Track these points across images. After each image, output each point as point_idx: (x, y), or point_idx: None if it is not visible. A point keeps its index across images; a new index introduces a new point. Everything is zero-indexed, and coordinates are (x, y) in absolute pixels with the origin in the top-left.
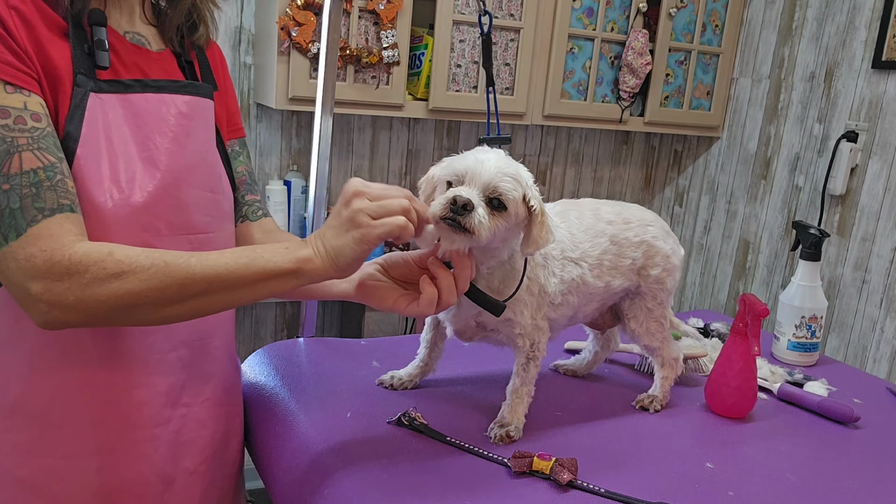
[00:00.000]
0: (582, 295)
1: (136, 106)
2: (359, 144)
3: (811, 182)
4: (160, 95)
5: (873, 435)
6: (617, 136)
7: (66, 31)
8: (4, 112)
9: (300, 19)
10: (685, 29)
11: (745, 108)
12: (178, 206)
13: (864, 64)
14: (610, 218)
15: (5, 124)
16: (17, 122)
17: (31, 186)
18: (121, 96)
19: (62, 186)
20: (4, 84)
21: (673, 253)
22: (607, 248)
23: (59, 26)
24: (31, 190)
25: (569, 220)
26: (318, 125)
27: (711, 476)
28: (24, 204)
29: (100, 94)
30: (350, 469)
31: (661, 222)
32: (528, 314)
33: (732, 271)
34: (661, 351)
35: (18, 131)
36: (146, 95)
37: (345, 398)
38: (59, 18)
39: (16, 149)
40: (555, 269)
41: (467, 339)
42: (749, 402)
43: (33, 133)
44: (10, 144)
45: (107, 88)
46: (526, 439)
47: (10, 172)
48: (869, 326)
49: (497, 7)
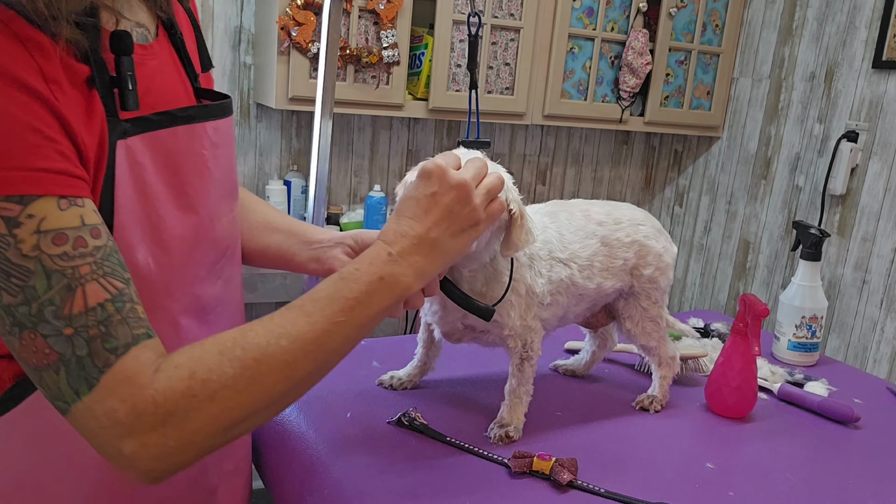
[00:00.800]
0: (571, 296)
1: (165, 144)
2: (359, 144)
3: (811, 182)
4: (190, 127)
5: (873, 435)
6: (617, 136)
7: (88, 77)
8: (61, 237)
9: (300, 19)
10: (685, 29)
11: (746, 108)
12: (215, 244)
13: (864, 64)
14: (600, 219)
15: (62, 252)
16: (77, 246)
17: (98, 325)
18: (149, 136)
19: (133, 315)
20: (59, 199)
21: (665, 251)
22: (598, 250)
23: (82, 77)
24: (100, 329)
25: (558, 221)
26: (318, 125)
27: (711, 476)
28: (94, 348)
29: (125, 139)
30: (350, 469)
31: (652, 220)
32: (515, 315)
33: (732, 271)
34: (658, 350)
35: (79, 257)
36: (175, 130)
37: (345, 398)
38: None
39: (77, 281)
40: (542, 269)
41: (456, 340)
42: (749, 402)
43: (96, 255)
44: (70, 278)
45: (132, 130)
46: (526, 439)
47: (74, 313)
48: (869, 326)
49: (497, 7)
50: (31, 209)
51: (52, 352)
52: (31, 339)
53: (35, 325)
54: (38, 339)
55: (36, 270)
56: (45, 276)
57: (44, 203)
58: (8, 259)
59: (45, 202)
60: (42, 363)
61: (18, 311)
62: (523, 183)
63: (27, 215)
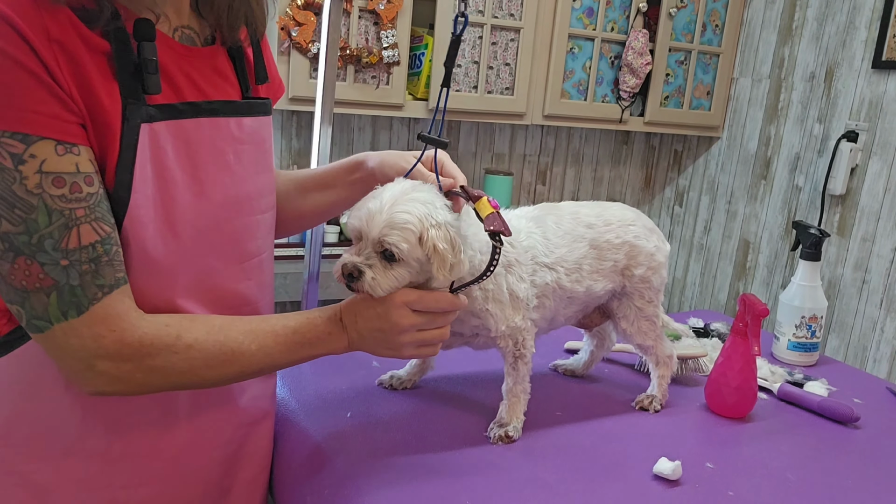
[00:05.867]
0: (559, 299)
1: (188, 133)
2: (359, 144)
3: (811, 182)
4: (214, 120)
5: (873, 435)
6: (617, 136)
7: (109, 54)
8: (59, 180)
9: (300, 19)
10: (685, 29)
11: (745, 108)
12: (232, 238)
13: (864, 64)
14: (590, 221)
15: (62, 194)
16: (74, 191)
17: (90, 262)
18: (173, 123)
19: (117, 258)
20: (56, 144)
21: (657, 250)
22: (587, 253)
23: (102, 51)
24: (91, 266)
25: (545, 226)
26: (318, 125)
27: (711, 476)
28: (84, 281)
29: (151, 122)
30: (350, 469)
31: (643, 220)
32: (499, 320)
33: (732, 271)
34: (654, 349)
35: (75, 201)
36: (199, 121)
37: (345, 398)
38: (100, 39)
39: (74, 222)
40: (523, 274)
41: (445, 346)
42: (749, 402)
43: (89, 201)
44: (67, 218)
45: (157, 116)
46: (525, 438)
47: (69, 248)
48: (869, 326)
49: (497, 7)
50: (32, 149)
51: (47, 277)
52: (26, 265)
53: (34, 253)
54: (35, 266)
55: (38, 206)
56: (47, 212)
57: (43, 145)
58: (14, 192)
59: (45, 144)
60: (34, 286)
61: (18, 240)
62: (523, 183)
63: (30, 154)
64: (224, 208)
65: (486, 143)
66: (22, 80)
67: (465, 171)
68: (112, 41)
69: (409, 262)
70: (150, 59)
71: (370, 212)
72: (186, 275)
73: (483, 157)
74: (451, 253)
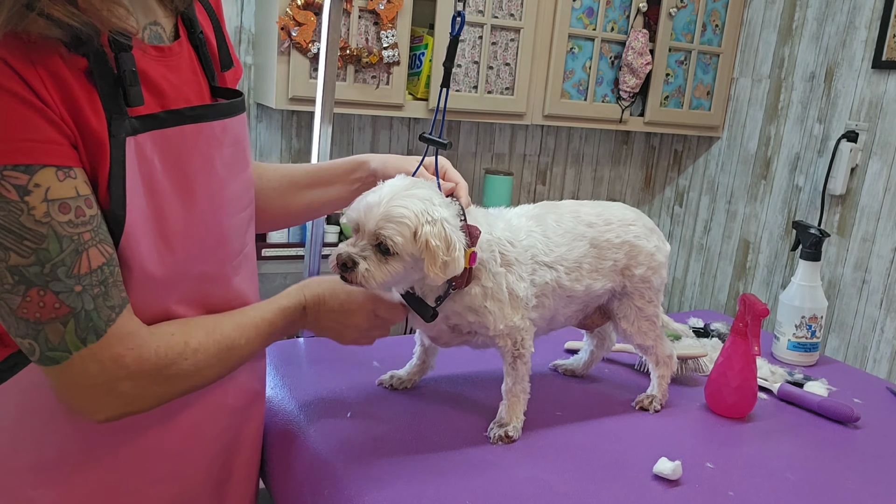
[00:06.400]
0: (559, 298)
1: (172, 142)
2: (359, 144)
3: (811, 182)
4: (198, 126)
5: (873, 435)
6: (617, 136)
7: (88, 70)
8: (65, 206)
9: (300, 19)
10: (685, 29)
11: (746, 108)
12: (220, 241)
13: (864, 64)
14: (590, 220)
15: (69, 220)
16: (78, 215)
17: (100, 285)
18: (157, 133)
19: (119, 278)
20: (56, 170)
21: (657, 250)
22: (587, 252)
23: (81, 67)
24: (101, 289)
25: (545, 225)
26: (318, 125)
27: (711, 476)
28: (98, 304)
29: (135, 135)
30: (350, 469)
31: (643, 220)
32: (497, 319)
33: (732, 271)
34: (654, 349)
35: (81, 225)
36: (182, 129)
37: (345, 398)
38: (78, 56)
39: (83, 246)
40: (522, 273)
41: (444, 344)
42: (749, 402)
43: (92, 224)
44: (77, 243)
45: (140, 127)
46: (525, 438)
47: (81, 273)
48: (869, 326)
49: (497, 7)
50: (36, 178)
51: (63, 306)
52: (39, 296)
53: (46, 283)
54: (49, 295)
55: (49, 235)
56: (58, 240)
57: (45, 173)
58: (21, 224)
59: (47, 172)
60: (48, 316)
61: (30, 271)
62: (523, 183)
63: (34, 184)
64: (211, 213)
65: (486, 143)
66: (13, 108)
67: (465, 171)
68: (90, 57)
69: (404, 256)
70: (129, 70)
71: (369, 204)
72: (181, 284)
73: (483, 157)
74: (445, 251)
